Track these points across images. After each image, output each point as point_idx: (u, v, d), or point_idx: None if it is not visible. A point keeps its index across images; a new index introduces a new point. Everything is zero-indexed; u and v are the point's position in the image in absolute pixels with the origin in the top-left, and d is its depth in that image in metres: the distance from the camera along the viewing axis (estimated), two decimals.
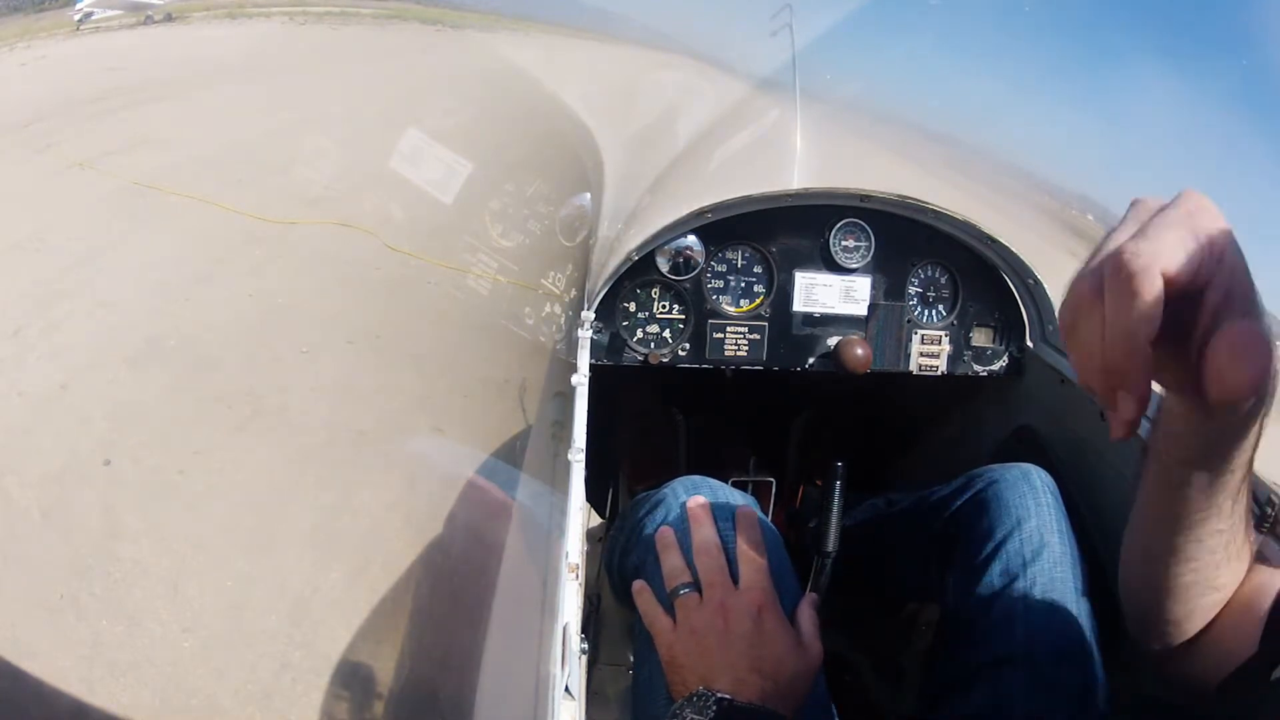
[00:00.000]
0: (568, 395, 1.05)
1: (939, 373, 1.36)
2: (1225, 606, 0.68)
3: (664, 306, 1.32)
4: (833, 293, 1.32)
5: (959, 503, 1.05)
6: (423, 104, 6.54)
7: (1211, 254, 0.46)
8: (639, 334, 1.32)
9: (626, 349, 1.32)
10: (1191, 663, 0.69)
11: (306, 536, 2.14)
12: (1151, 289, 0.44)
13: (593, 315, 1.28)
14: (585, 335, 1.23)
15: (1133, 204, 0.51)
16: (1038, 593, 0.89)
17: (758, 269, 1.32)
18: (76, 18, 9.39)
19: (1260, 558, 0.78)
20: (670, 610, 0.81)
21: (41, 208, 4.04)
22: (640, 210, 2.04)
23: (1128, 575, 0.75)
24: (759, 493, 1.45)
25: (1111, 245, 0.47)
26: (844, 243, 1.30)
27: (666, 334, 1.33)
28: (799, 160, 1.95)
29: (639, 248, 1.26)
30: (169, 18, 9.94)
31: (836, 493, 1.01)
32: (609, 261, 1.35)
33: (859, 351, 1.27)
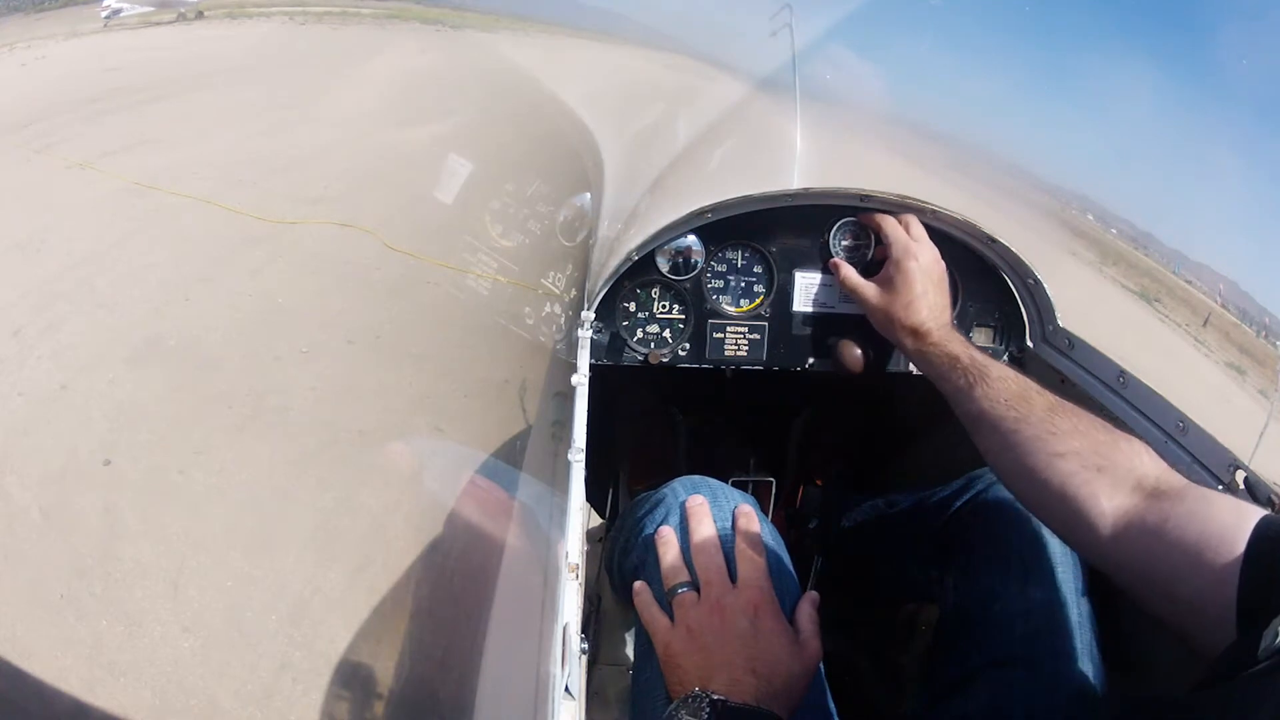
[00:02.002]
0: (568, 395, 1.04)
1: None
2: (1192, 543, 0.64)
3: (664, 306, 1.32)
4: (833, 293, 1.32)
5: (959, 503, 1.05)
6: (423, 104, 6.54)
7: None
8: (639, 334, 1.32)
9: (626, 349, 1.32)
10: (1174, 603, 0.66)
11: (306, 536, 2.14)
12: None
13: (593, 315, 1.27)
14: (585, 335, 1.23)
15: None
16: (1037, 593, 0.89)
17: (758, 269, 1.32)
18: (104, 15, 9.36)
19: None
20: (668, 610, 0.81)
21: (41, 208, 4.04)
22: (640, 210, 2.03)
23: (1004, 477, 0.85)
24: (759, 493, 1.45)
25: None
26: (844, 243, 1.30)
27: (666, 334, 1.33)
28: (799, 160, 1.94)
29: (639, 248, 1.26)
30: (200, 15, 9.91)
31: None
32: (609, 261, 1.35)
33: (858, 351, 1.27)
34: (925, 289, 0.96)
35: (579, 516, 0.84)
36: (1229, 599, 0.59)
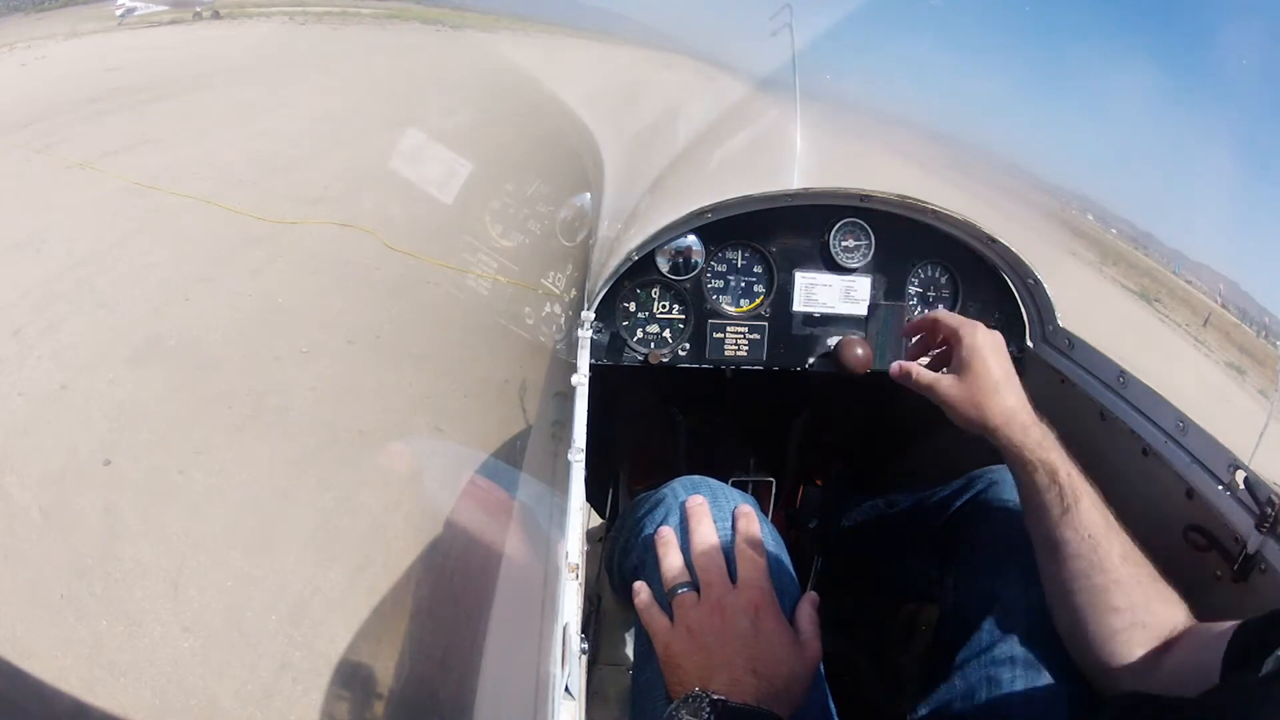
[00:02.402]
0: (568, 395, 1.04)
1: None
2: (1192, 672, 0.68)
3: (664, 306, 1.32)
4: (833, 293, 1.32)
5: (959, 503, 1.05)
6: (423, 104, 6.54)
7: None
8: (639, 334, 1.32)
9: (626, 349, 1.32)
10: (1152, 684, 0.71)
11: (306, 536, 2.14)
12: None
13: (593, 315, 1.27)
14: (585, 335, 1.23)
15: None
16: (1037, 593, 0.88)
17: (758, 269, 1.32)
18: (119, 13, 9.37)
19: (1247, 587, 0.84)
20: (668, 610, 0.81)
21: (41, 208, 4.04)
22: (640, 210, 2.03)
23: (1055, 612, 0.83)
24: (759, 493, 1.45)
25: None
26: (844, 243, 1.30)
27: (666, 334, 1.33)
28: (799, 160, 1.95)
29: (639, 248, 1.26)
30: (216, 15, 9.91)
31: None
32: (609, 261, 1.35)
33: (859, 351, 1.27)
34: (1007, 370, 0.87)
35: (579, 516, 0.84)
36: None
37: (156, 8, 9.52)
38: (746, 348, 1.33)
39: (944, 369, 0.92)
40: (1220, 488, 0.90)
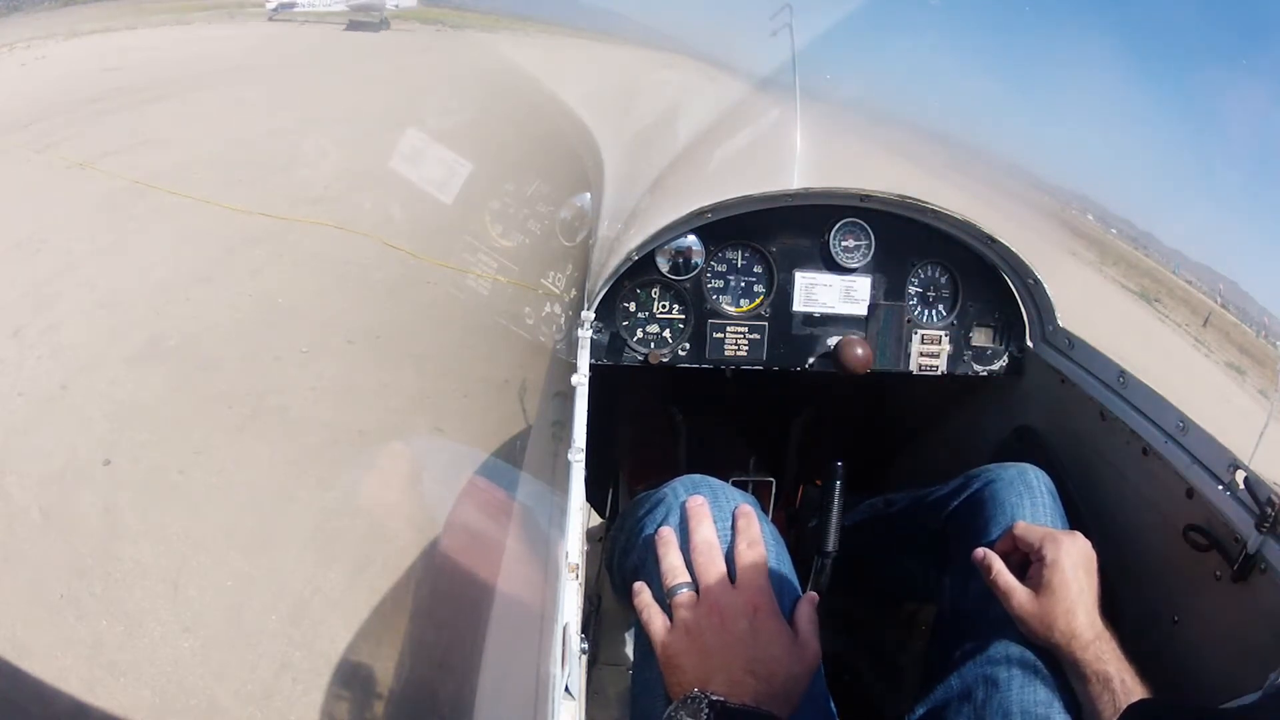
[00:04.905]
0: (568, 395, 1.04)
1: (939, 373, 1.36)
2: None
3: (664, 306, 1.32)
4: (833, 293, 1.32)
5: (956, 503, 1.05)
6: (423, 104, 6.54)
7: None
8: (639, 334, 1.32)
9: (626, 349, 1.32)
10: None
11: (306, 536, 2.14)
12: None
13: (593, 315, 1.28)
14: (585, 335, 1.23)
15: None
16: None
17: (758, 269, 1.32)
18: (270, 6, 9.21)
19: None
20: (668, 610, 0.81)
21: (41, 208, 4.04)
22: (640, 210, 2.04)
23: None
24: (759, 493, 1.45)
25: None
26: (844, 243, 1.30)
27: (666, 334, 1.33)
28: (799, 160, 1.94)
29: (639, 248, 1.27)
30: (384, 23, 9.82)
31: (836, 493, 1.01)
32: (609, 261, 1.35)
33: (859, 351, 1.27)
34: (1082, 588, 0.87)
35: (579, 516, 0.85)
36: None
37: (322, 7, 9.29)
38: (746, 348, 1.33)
39: (1026, 576, 0.90)
40: (1220, 488, 0.90)
